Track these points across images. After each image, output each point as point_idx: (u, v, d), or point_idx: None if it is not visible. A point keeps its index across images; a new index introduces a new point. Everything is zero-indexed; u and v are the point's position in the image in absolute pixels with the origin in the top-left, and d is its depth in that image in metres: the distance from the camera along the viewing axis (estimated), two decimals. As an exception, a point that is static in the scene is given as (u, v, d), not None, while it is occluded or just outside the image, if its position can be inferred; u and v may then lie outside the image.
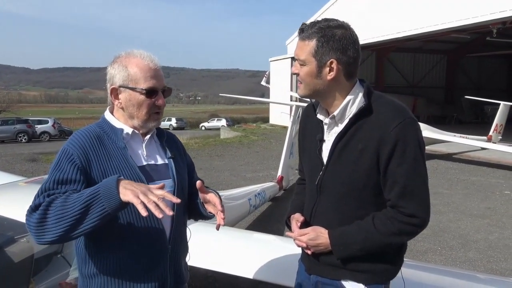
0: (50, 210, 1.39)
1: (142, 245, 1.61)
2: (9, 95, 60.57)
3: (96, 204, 1.36)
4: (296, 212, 1.84)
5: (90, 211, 1.36)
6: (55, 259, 2.66)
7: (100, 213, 1.37)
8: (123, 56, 1.66)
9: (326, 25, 1.59)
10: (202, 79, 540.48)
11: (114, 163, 1.58)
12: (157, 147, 1.77)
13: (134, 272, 1.61)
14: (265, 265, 2.61)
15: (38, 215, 1.40)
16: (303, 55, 1.63)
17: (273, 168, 11.31)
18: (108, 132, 1.65)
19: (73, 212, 1.36)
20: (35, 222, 1.40)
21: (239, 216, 5.30)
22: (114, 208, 1.37)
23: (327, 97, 1.69)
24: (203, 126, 47.57)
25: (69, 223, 1.37)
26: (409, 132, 1.58)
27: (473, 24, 15.62)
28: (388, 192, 1.62)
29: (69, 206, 1.37)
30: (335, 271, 1.71)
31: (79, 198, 1.38)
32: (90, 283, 1.63)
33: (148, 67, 1.63)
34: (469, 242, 6.12)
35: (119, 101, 1.65)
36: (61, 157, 1.54)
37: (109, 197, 1.35)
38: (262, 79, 27.00)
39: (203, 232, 3.21)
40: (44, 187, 1.49)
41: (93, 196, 1.36)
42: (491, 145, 13.66)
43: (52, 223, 1.38)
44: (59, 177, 1.50)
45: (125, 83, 1.62)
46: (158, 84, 1.65)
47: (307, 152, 1.85)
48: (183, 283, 1.83)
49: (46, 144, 24.34)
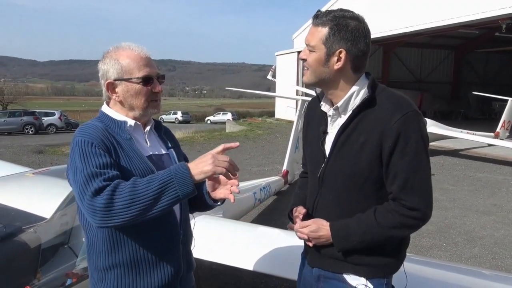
0: (117, 194, 1.38)
1: (157, 232, 1.63)
2: (16, 87, 60.96)
3: (170, 190, 1.40)
4: (299, 205, 1.85)
5: (162, 197, 1.39)
6: (62, 250, 2.68)
7: (172, 199, 1.41)
8: (112, 50, 1.68)
9: (341, 15, 1.60)
10: (208, 72, 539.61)
11: (124, 153, 1.60)
12: (157, 138, 1.80)
13: (150, 260, 1.63)
14: (269, 258, 2.62)
15: (105, 199, 1.37)
16: (313, 41, 1.63)
17: (278, 162, 11.31)
18: (110, 126, 1.66)
19: (145, 197, 1.38)
20: (102, 206, 1.37)
21: (244, 210, 5.32)
22: (186, 194, 1.42)
23: (332, 86, 1.68)
24: (208, 120, 47.59)
25: (140, 208, 1.38)
26: (411, 125, 1.57)
27: (482, 19, 15.44)
28: (390, 185, 1.62)
29: (140, 191, 1.38)
30: (337, 264, 1.72)
31: (151, 183, 1.40)
32: (105, 276, 1.62)
33: (139, 56, 1.66)
34: (474, 239, 6.11)
35: (116, 94, 1.67)
36: (83, 146, 1.50)
37: (183, 182, 1.41)
38: (268, 73, 26.89)
39: (208, 225, 3.23)
40: (88, 172, 1.42)
41: (167, 182, 1.40)
42: (498, 142, 13.55)
43: (121, 207, 1.37)
44: (96, 163, 1.45)
45: (120, 75, 1.64)
46: (152, 72, 1.67)
47: (310, 145, 1.86)
48: (192, 269, 1.86)
49: (52, 136, 24.50)
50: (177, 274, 1.71)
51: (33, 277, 2.39)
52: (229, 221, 3.66)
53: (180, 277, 1.73)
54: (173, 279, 1.69)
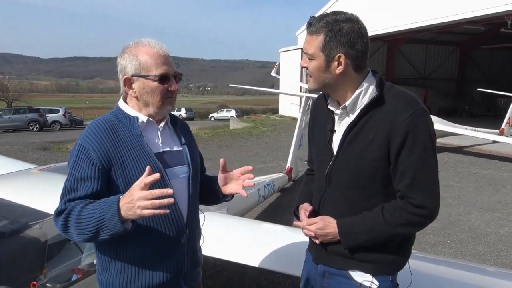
0: (70, 221, 1.52)
1: (162, 230, 1.65)
2: (21, 84, 61.26)
3: (104, 229, 1.47)
4: (305, 202, 1.85)
5: (100, 232, 1.48)
6: (68, 246, 2.71)
7: (108, 235, 1.48)
8: (132, 46, 1.68)
9: (333, 19, 1.58)
10: (212, 69, 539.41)
11: (131, 151, 1.61)
12: (171, 134, 1.80)
13: (153, 255, 1.66)
14: (273, 255, 2.62)
15: (61, 223, 1.54)
16: (311, 50, 1.63)
17: (282, 159, 11.30)
18: (123, 121, 1.67)
19: (87, 230, 1.49)
20: (61, 228, 1.56)
21: (248, 206, 5.33)
22: (120, 232, 1.48)
23: (337, 89, 1.69)
24: (212, 116, 47.61)
25: (86, 237, 1.52)
26: (420, 123, 1.57)
27: (488, 15, 15.31)
28: (398, 182, 1.62)
29: (82, 223, 1.49)
30: (343, 261, 1.72)
31: (90, 220, 1.48)
32: (109, 267, 1.67)
33: (158, 54, 1.66)
34: (479, 236, 6.09)
35: (133, 90, 1.68)
36: (79, 153, 1.59)
37: (112, 223, 1.45)
38: (272, 70, 26.89)
39: (212, 221, 3.24)
40: (67, 187, 1.59)
41: (100, 222, 1.46)
42: (503, 139, 13.45)
43: (73, 232, 1.53)
44: (78, 175, 1.57)
45: (137, 71, 1.64)
46: (169, 70, 1.68)
47: (316, 143, 1.86)
48: (198, 266, 1.88)
49: (57, 133, 24.59)
50: (180, 271, 1.73)
51: (40, 273, 2.41)
52: (233, 217, 3.66)
53: (183, 274, 1.75)
54: (175, 276, 1.71)
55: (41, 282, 2.33)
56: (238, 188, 1.78)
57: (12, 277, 2.33)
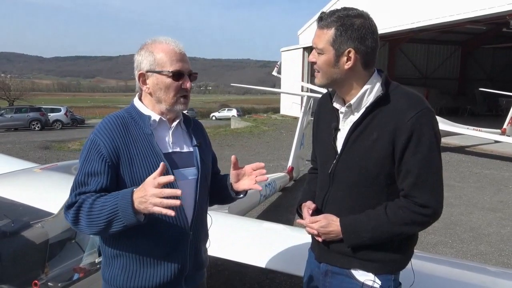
0: (81, 213, 1.53)
1: (164, 231, 1.66)
2: (23, 83, 61.41)
3: (117, 220, 1.48)
4: (308, 200, 1.85)
5: (113, 224, 1.50)
6: (69, 245, 2.70)
7: (122, 226, 1.50)
8: (149, 42, 1.70)
9: (345, 14, 1.59)
10: (213, 69, 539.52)
11: (140, 150, 1.62)
12: (183, 134, 1.80)
13: (155, 255, 1.67)
14: (274, 254, 2.62)
15: (72, 215, 1.56)
16: (321, 44, 1.63)
17: (283, 158, 11.31)
18: (136, 119, 1.69)
19: (99, 223, 1.50)
20: (71, 221, 1.57)
21: (249, 206, 5.33)
22: (133, 224, 1.49)
23: (344, 86, 1.68)
24: (213, 116, 47.64)
25: (98, 229, 1.53)
26: (425, 123, 1.57)
27: (490, 14, 15.29)
28: (402, 181, 1.61)
29: (94, 216, 1.51)
30: (345, 260, 1.72)
31: (102, 212, 1.49)
32: (112, 263, 1.70)
33: (173, 51, 1.67)
34: (480, 236, 6.08)
35: (147, 86, 1.69)
36: (90, 148, 1.61)
37: (126, 215, 1.47)
38: (273, 70, 26.89)
39: (213, 221, 3.23)
40: (77, 181, 1.60)
41: (113, 213, 1.48)
42: (505, 138, 13.41)
43: (84, 225, 1.54)
44: (89, 170, 1.58)
45: (152, 67, 1.66)
46: (184, 67, 1.68)
47: (320, 141, 1.85)
48: (202, 268, 1.88)
49: (58, 132, 24.63)
50: (182, 273, 1.72)
51: (41, 272, 2.41)
52: (235, 217, 3.66)
53: (185, 275, 1.74)
54: (176, 277, 1.71)
55: (43, 281, 2.33)
56: (251, 183, 1.77)
57: (13, 276, 2.33)
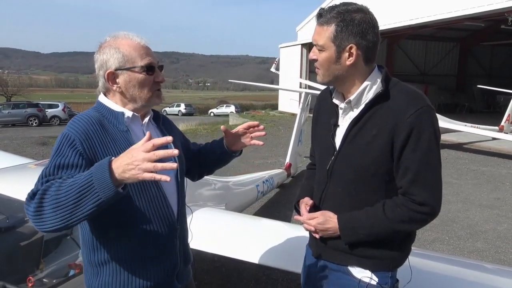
0: (46, 199, 1.32)
1: (154, 229, 1.59)
2: (20, 79, 61.16)
3: (90, 195, 1.27)
4: (305, 196, 1.84)
5: (84, 201, 1.28)
6: (65, 241, 2.70)
7: (95, 203, 1.28)
8: (111, 40, 1.61)
9: (344, 9, 1.57)
10: (212, 65, 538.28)
11: (118, 146, 1.54)
12: (155, 129, 1.74)
13: (146, 256, 1.60)
14: (272, 251, 2.62)
15: (35, 204, 1.32)
16: (321, 41, 1.60)
17: (281, 155, 11.30)
18: (107, 117, 1.60)
19: (67, 203, 1.28)
20: (33, 211, 1.33)
21: (247, 202, 5.32)
22: (109, 197, 1.28)
23: (345, 82, 1.67)
24: (212, 112, 47.55)
25: (64, 213, 1.29)
26: (425, 120, 1.56)
27: (488, 11, 15.26)
28: (400, 179, 1.60)
29: (62, 195, 1.29)
30: (342, 257, 1.72)
31: (73, 187, 1.29)
32: (100, 271, 1.59)
33: (140, 45, 1.61)
34: (477, 233, 6.09)
35: (117, 85, 1.60)
36: (62, 141, 1.48)
37: (103, 186, 1.26)
38: (271, 66, 26.83)
39: (211, 217, 3.23)
40: (44, 172, 1.43)
41: (87, 186, 1.27)
42: (503, 136, 13.44)
43: (49, 212, 1.31)
44: (60, 162, 1.43)
45: (122, 64, 1.57)
46: (154, 60, 1.62)
47: (319, 137, 1.84)
48: (189, 263, 1.85)
49: (56, 128, 24.54)
50: (174, 269, 1.69)
51: (36, 268, 2.41)
52: (232, 213, 3.66)
53: (177, 272, 1.71)
54: (170, 274, 1.68)
55: (38, 277, 2.32)
56: (246, 141, 1.73)
57: (8, 272, 2.32)
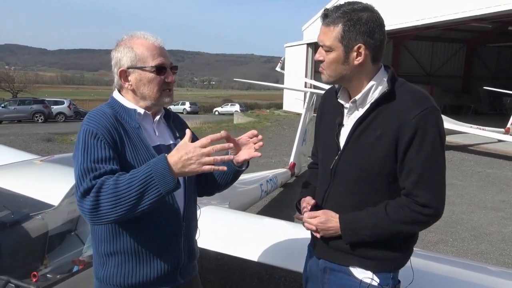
0: (102, 195, 1.38)
1: (159, 224, 1.64)
2: (26, 76, 61.40)
3: (151, 189, 1.38)
4: (307, 196, 1.83)
5: (145, 196, 1.38)
6: (69, 237, 2.71)
7: (156, 197, 1.39)
8: (127, 38, 1.67)
9: (351, 9, 1.56)
10: (217, 63, 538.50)
11: (131, 142, 1.60)
12: (165, 127, 1.79)
13: (150, 250, 1.65)
14: (274, 250, 2.62)
15: (91, 201, 1.38)
16: (328, 41, 1.59)
17: (285, 154, 11.29)
18: (120, 113, 1.65)
19: (128, 198, 1.37)
20: (89, 208, 1.39)
21: (250, 201, 5.32)
22: (169, 190, 1.40)
23: (352, 81, 1.66)
24: (216, 111, 47.60)
25: (125, 208, 1.38)
26: (430, 121, 1.55)
27: (495, 13, 15.15)
28: (404, 180, 1.60)
29: (122, 191, 1.37)
30: (344, 257, 1.71)
31: (133, 182, 1.37)
32: (106, 262, 1.66)
33: (153, 45, 1.65)
34: (481, 235, 6.06)
35: (129, 83, 1.66)
36: (87, 137, 1.51)
37: (163, 180, 1.38)
38: (277, 65, 26.78)
39: (214, 215, 3.23)
40: (83, 171, 1.44)
41: (147, 181, 1.37)
42: (509, 138, 13.35)
43: (107, 208, 1.38)
44: (95, 157, 1.47)
45: (133, 63, 1.63)
46: (165, 61, 1.67)
47: (323, 136, 1.84)
48: (194, 259, 1.88)
49: (61, 124, 24.67)
50: (177, 265, 1.73)
51: (40, 264, 2.42)
52: (235, 212, 3.66)
53: (180, 267, 1.74)
54: (172, 270, 1.71)
55: (42, 272, 2.33)
56: (250, 152, 1.75)
57: (12, 267, 2.33)
